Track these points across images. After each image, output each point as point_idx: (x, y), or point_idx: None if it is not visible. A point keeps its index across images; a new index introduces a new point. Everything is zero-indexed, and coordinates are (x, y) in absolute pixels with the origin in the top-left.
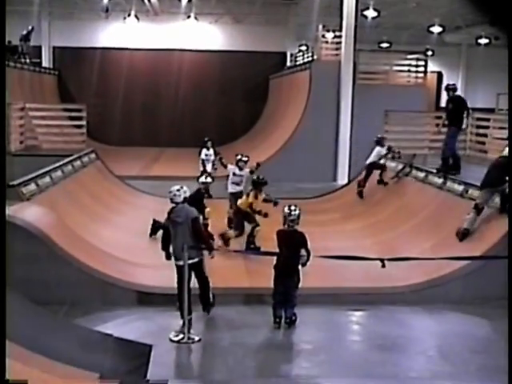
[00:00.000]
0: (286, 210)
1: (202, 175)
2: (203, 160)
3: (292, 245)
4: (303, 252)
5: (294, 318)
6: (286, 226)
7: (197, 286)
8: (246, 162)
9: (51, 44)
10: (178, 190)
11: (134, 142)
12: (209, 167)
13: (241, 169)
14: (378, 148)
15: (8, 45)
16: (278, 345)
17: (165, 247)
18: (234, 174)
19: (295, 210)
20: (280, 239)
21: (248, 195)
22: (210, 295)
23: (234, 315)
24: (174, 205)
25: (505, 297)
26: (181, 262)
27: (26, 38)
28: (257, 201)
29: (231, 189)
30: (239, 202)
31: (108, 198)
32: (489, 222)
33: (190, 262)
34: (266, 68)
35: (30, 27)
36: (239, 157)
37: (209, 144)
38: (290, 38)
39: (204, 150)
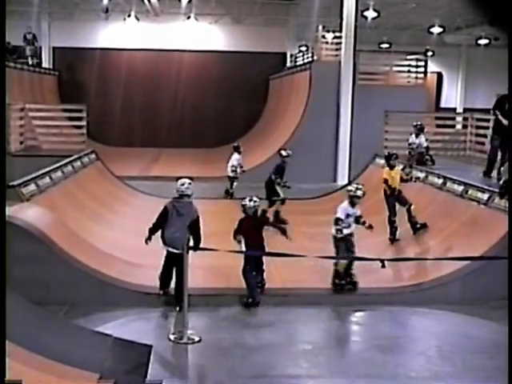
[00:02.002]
0: (246, 201)
1: (232, 182)
2: (235, 166)
3: (256, 228)
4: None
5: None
6: (245, 215)
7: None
8: (363, 196)
9: (51, 44)
10: (190, 184)
11: (134, 142)
12: (236, 172)
13: (354, 205)
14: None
15: (7, 45)
16: (278, 345)
17: (154, 230)
18: (349, 216)
19: (254, 202)
20: (245, 226)
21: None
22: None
23: (234, 315)
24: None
25: (505, 297)
26: (175, 251)
27: (31, 42)
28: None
29: (344, 232)
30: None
31: (108, 199)
32: (489, 223)
33: (177, 251)
34: (266, 68)
35: (30, 29)
36: (354, 190)
37: (242, 149)
38: (290, 39)
39: (236, 155)
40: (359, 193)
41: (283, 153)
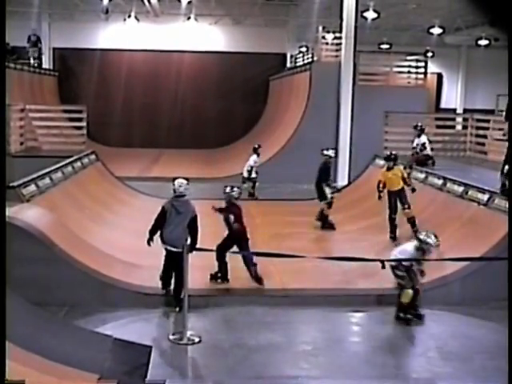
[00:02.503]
0: (227, 190)
1: (243, 183)
2: (251, 167)
3: (237, 215)
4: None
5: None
6: (229, 202)
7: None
8: (436, 246)
9: (51, 45)
10: (187, 184)
11: (134, 143)
12: (253, 173)
13: (424, 253)
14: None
15: (6, 46)
16: (278, 346)
17: (154, 231)
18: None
19: (233, 191)
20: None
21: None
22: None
23: (234, 316)
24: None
25: (505, 298)
26: (174, 249)
27: (35, 44)
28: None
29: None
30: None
31: (108, 199)
32: (489, 223)
33: (175, 250)
34: (266, 69)
35: (34, 31)
36: (424, 239)
37: (260, 150)
38: (290, 40)
39: (254, 157)
40: (430, 241)
41: (325, 152)
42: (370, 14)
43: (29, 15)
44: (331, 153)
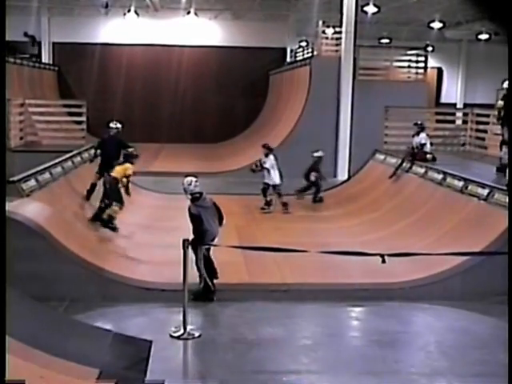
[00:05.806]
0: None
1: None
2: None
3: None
4: None
5: None
6: None
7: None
8: None
9: (51, 40)
10: (196, 181)
11: (134, 137)
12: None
13: None
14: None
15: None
16: (278, 340)
17: (203, 235)
18: None
19: None
20: None
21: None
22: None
23: (234, 311)
24: (190, 195)
25: (504, 293)
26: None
27: (32, 44)
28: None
29: None
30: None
31: None
32: (489, 218)
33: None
34: (266, 64)
35: (27, 32)
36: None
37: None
38: (290, 34)
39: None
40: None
41: (316, 154)
42: (370, 9)
43: (29, 9)
44: (320, 153)
